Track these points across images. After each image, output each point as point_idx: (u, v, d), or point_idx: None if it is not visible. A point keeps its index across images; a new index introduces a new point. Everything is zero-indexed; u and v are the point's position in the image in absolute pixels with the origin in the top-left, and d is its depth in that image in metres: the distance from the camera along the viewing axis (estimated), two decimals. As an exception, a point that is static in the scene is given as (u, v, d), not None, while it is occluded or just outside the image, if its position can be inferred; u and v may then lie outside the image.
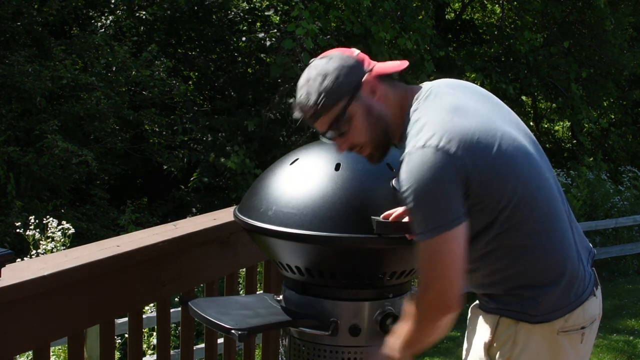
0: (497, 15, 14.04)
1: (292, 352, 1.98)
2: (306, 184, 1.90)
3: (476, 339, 1.91)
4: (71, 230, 5.01)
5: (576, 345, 1.86)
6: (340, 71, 1.80)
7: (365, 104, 1.81)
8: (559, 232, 1.83)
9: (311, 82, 1.81)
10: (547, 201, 1.81)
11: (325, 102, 1.79)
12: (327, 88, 1.79)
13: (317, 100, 1.79)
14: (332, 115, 1.80)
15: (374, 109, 1.82)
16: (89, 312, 2.02)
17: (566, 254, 1.83)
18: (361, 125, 1.81)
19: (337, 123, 1.81)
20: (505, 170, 1.75)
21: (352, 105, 1.80)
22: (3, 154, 8.33)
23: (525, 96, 13.61)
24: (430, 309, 1.73)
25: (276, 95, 10.26)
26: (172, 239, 2.22)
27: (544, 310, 1.81)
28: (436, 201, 1.68)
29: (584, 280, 1.86)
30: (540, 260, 1.80)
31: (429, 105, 1.80)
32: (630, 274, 9.45)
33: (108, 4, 11.28)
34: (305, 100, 1.82)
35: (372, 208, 1.84)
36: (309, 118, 1.84)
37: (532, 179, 1.80)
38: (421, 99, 1.82)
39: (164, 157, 9.94)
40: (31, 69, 8.83)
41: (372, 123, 1.82)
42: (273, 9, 11.41)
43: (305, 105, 1.82)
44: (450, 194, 1.68)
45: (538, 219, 1.79)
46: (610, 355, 6.03)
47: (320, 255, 1.88)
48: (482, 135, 1.73)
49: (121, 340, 4.76)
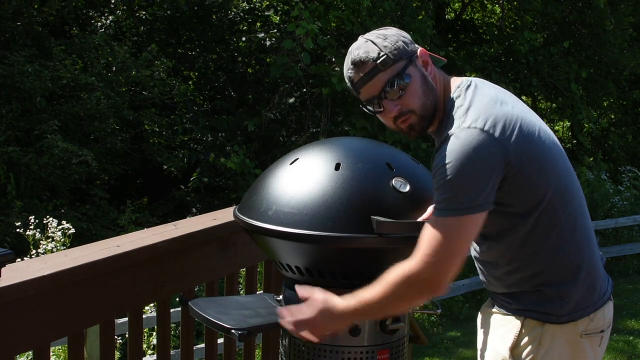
0: (497, 15, 14.04)
1: (292, 352, 1.98)
2: (306, 184, 1.90)
3: (496, 340, 1.90)
4: (71, 230, 5.02)
5: (595, 348, 1.88)
6: (399, 37, 1.83)
7: (421, 71, 1.82)
8: (585, 231, 1.85)
9: (371, 41, 1.81)
10: (576, 199, 1.84)
11: (386, 59, 1.78)
12: (389, 46, 1.80)
13: (378, 55, 1.78)
14: (391, 73, 1.79)
15: (428, 79, 1.83)
16: (89, 312, 2.01)
17: (591, 252, 1.85)
18: (418, 88, 1.81)
19: (395, 82, 1.79)
20: (544, 160, 1.77)
21: (410, 67, 1.80)
22: (3, 154, 8.32)
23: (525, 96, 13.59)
24: (418, 285, 1.69)
25: (276, 95, 10.26)
26: (172, 239, 2.22)
27: (570, 309, 1.81)
28: (470, 181, 1.67)
29: (605, 281, 1.89)
30: (569, 256, 1.81)
31: (471, 93, 1.81)
32: (630, 274, 9.45)
33: (108, 4, 11.28)
34: (365, 55, 1.79)
35: (372, 208, 1.84)
36: (365, 75, 1.80)
37: (566, 174, 1.83)
38: (463, 87, 1.83)
39: (164, 157, 9.94)
40: (31, 69, 8.82)
41: (427, 91, 1.82)
42: (273, 9, 11.41)
43: (365, 59, 1.79)
44: (486, 178, 1.67)
45: (570, 214, 1.81)
46: (610, 355, 6.03)
47: (320, 255, 1.88)
48: (524, 123, 1.75)
49: (121, 340, 4.76)
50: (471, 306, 7.54)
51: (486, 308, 2.00)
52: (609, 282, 1.93)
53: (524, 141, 1.73)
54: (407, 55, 1.80)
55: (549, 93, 12.90)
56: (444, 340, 6.74)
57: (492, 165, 1.68)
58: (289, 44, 9.11)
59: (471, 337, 2.08)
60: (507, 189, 1.72)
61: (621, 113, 14.68)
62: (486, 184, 1.67)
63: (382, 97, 1.80)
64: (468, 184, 1.67)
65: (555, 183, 1.78)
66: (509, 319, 1.87)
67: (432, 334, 6.99)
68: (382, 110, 1.83)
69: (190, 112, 10.73)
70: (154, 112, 10.12)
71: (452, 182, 1.66)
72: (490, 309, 1.96)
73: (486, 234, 1.83)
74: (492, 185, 1.68)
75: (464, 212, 1.66)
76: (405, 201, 1.88)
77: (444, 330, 7.15)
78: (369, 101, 1.83)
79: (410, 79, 1.79)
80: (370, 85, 1.80)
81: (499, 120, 1.71)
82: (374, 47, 1.79)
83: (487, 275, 1.92)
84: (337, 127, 9.95)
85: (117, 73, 9.70)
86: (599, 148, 14.12)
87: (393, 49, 1.79)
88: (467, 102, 1.77)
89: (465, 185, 1.66)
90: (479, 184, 1.67)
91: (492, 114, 1.72)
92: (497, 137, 1.69)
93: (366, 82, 1.80)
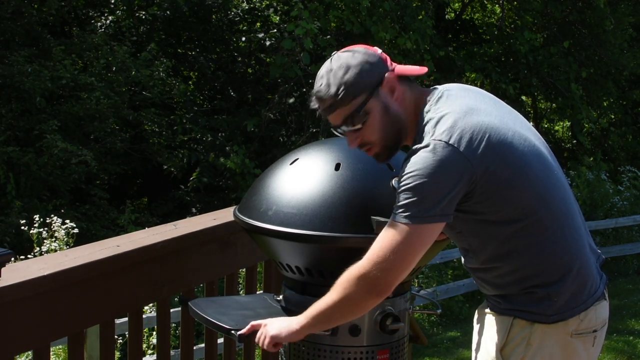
0: (497, 15, 14.03)
1: (292, 352, 1.98)
2: (306, 184, 1.90)
3: (487, 340, 1.90)
4: (75, 229, 5.03)
5: (588, 348, 1.87)
6: (363, 66, 1.80)
7: (383, 102, 1.80)
8: (573, 230, 1.84)
9: (333, 73, 1.80)
10: (561, 199, 1.82)
11: (344, 95, 1.78)
12: (349, 81, 1.78)
13: (337, 92, 1.78)
14: (350, 109, 1.79)
15: (391, 108, 1.81)
16: (89, 312, 2.01)
17: (579, 251, 1.84)
18: (377, 122, 1.80)
19: (353, 118, 1.79)
20: (517, 168, 1.75)
21: (371, 101, 1.79)
22: (3, 154, 8.33)
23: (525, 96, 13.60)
24: (366, 285, 1.71)
25: (276, 95, 10.26)
26: (172, 239, 2.22)
27: (559, 308, 1.81)
28: (430, 192, 1.67)
29: (596, 279, 1.88)
30: (555, 257, 1.80)
31: (441, 105, 1.80)
32: (630, 274, 9.45)
33: (108, 3, 11.28)
34: (325, 90, 1.80)
35: (372, 208, 1.84)
36: (325, 109, 1.81)
37: (546, 177, 1.81)
38: (433, 100, 1.82)
39: (164, 157, 9.94)
40: (31, 69, 8.83)
41: (388, 122, 1.81)
42: (273, 8, 11.41)
43: (324, 96, 1.80)
44: (449, 190, 1.68)
45: (555, 216, 1.80)
46: (610, 355, 6.03)
47: (320, 255, 1.88)
48: (493, 133, 1.73)
49: (121, 340, 4.76)
50: (471, 306, 7.54)
51: (481, 309, 2.00)
52: (602, 280, 1.92)
53: (492, 152, 1.71)
54: (368, 88, 1.79)
55: (549, 93, 12.90)
56: (444, 340, 6.74)
57: (453, 179, 1.68)
58: (288, 44, 9.11)
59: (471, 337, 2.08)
60: (478, 200, 1.72)
61: (621, 113, 14.68)
62: (445, 196, 1.67)
63: (343, 130, 1.83)
64: (428, 194, 1.67)
65: (533, 189, 1.77)
66: (499, 319, 1.87)
67: (432, 334, 6.99)
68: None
69: (190, 112, 10.73)
70: (154, 112, 10.12)
71: (415, 189, 1.67)
72: (484, 310, 1.97)
73: (471, 243, 1.84)
74: (451, 198, 1.68)
75: (421, 220, 1.67)
76: (405, 201, 1.88)
77: (444, 330, 7.15)
78: (334, 127, 1.86)
79: (369, 114, 1.79)
80: (332, 118, 1.82)
81: (465, 133, 1.70)
82: (334, 81, 1.79)
83: (477, 280, 1.93)
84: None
85: (117, 73, 9.70)
86: (599, 148, 14.11)
87: (354, 83, 1.78)
88: (436, 115, 1.76)
89: (428, 195, 1.67)
90: (438, 195, 1.67)
91: (459, 127, 1.71)
92: (462, 151, 1.68)
93: (327, 115, 1.83)
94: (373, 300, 1.74)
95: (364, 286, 1.71)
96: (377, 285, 1.70)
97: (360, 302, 1.74)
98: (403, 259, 1.69)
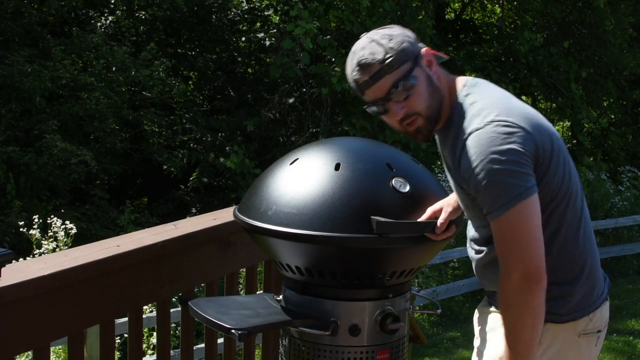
0: (497, 15, 14.04)
1: (292, 352, 1.98)
2: (306, 184, 1.90)
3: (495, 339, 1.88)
4: (74, 230, 5.02)
5: (592, 347, 1.88)
6: (405, 37, 1.79)
7: (426, 72, 1.80)
8: (587, 231, 1.86)
9: (376, 42, 1.77)
10: (580, 197, 1.84)
11: (393, 60, 1.75)
12: (395, 47, 1.76)
13: (384, 57, 1.75)
14: (398, 75, 1.76)
15: (433, 79, 1.81)
16: (89, 312, 2.01)
17: (593, 252, 1.86)
18: (423, 91, 1.78)
19: (401, 84, 1.76)
20: (559, 157, 1.77)
21: (416, 69, 1.78)
22: (3, 154, 8.32)
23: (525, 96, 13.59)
24: (525, 287, 1.66)
25: (276, 95, 10.26)
26: (172, 239, 2.22)
27: (572, 308, 1.82)
28: (512, 171, 1.66)
29: (602, 281, 1.89)
30: (574, 255, 1.82)
31: (481, 91, 1.80)
32: (630, 274, 9.45)
33: (108, 3, 11.28)
34: (370, 57, 1.76)
35: (372, 208, 1.84)
36: (371, 77, 1.77)
37: (573, 173, 1.83)
38: (470, 86, 1.83)
39: (164, 157, 9.93)
40: (30, 69, 8.82)
41: (432, 93, 1.80)
42: (272, 8, 11.41)
43: (371, 62, 1.76)
44: (525, 163, 1.67)
45: (576, 214, 1.81)
46: (610, 356, 6.03)
47: (320, 255, 1.88)
48: (540, 119, 1.76)
49: (121, 340, 4.76)
50: (471, 306, 7.53)
51: (483, 307, 1.99)
52: (606, 281, 1.93)
53: (545, 134, 1.74)
54: (412, 56, 1.78)
55: (549, 93, 12.89)
56: (444, 340, 6.73)
57: (525, 153, 1.68)
58: (288, 44, 9.11)
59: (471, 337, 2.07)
60: None
61: (621, 113, 14.68)
62: (527, 169, 1.67)
63: (387, 99, 1.78)
64: (511, 174, 1.66)
65: (567, 181, 1.78)
66: None
67: (432, 334, 6.99)
68: (388, 112, 1.81)
69: (190, 112, 10.73)
70: (154, 112, 10.12)
71: (495, 178, 1.65)
72: (488, 308, 1.96)
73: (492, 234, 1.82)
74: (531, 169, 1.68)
75: (520, 198, 1.65)
76: (405, 201, 1.88)
77: (444, 330, 7.15)
78: (373, 103, 1.81)
79: (416, 81, 1.77)
80: (376, 88, 1.78)
81: (518, 116, 1.72)
82: (379, 48, 1.76)
83: (489, 275, 1.91)
84: (337, 127, 9.95)
85: (117, 73, 9.70)
86: (599, 148, 14.11)
87: (399, 50, 1.76)
88: (480, 100, 1.76)
89: (509, 177, 1.65)
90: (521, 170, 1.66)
91: (510, 109, 1.73)
92: (523, 127, 1.70)
93: (371, 85, 1.78)
94: (540, 292, 1.68)
95: (523, 290, 1.66)
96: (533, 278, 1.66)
97: (531, 304, 1.68)
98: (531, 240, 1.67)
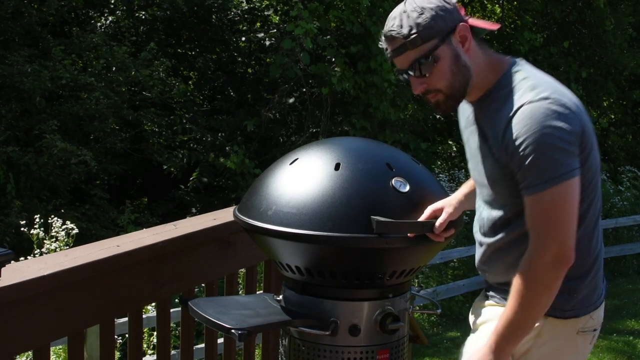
0: (497, 15, 14.03)
1: (292, 352, 1.98)
2: (306, 184, 1.90)
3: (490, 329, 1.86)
4: (75, 230, 5.02)
5: (587, 345, 1.90)
6: (438, 11, 1.78)
7: (454, 50, 1.79)
8: (600, 230, 1.87)
9: (407, 14, 1.78)
10: (600, 198, 1.85)
11: (415, 38, 1.76)
12: (422, 24, 1.76)
13: (409, 33, 1.76)
14: (418, 53, 1.76)
15: (461, 57, 1.80)
16: (89, 312, 2.01)
17: (601, 251, 1.87)
18: (446, 70, 1.78)
19: (421, 63, 1.77)
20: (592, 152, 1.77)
21: (441, 48, 1.77)
22: (3, 154, 8.32)
23: (525, 96, 13.58)
24: (552, 265, 1.66)
25: (276, 95, 10.26)
26: (172, 239, 2.22)
27: (576, 304, 1.82)
28: (562, 149, 1.66)
29: (604, 281, 1.90)
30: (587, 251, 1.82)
31: (532, 70, 1.81)
32: (630, 274, 9.45)
33: (108, 4, 11.28)
34: (396, 30, 1.78)
35: (372, 208, 1.84)
36: (394, 49, 1.79)
37: (599, 173, 1.84)
38: (523, 64, 1.84)
39: (164, 157, 9.93)
40: (30, 69, 8.82)
41: (457, 71, 1.79)
42: (272, 8, 11.41)
43: (396, 35, 1.78)
44: (572, 144, 1.68)
45: (595, 210, 1.82)
46: (610, 356, 6.03)
47: (320, 255, 1.88)
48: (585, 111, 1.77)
49: (121, 340, 4.76)
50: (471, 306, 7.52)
51: (480, 302, 1.99)
52: (604, 282, 1.95)
53: (589, 126, 1.75)
54: (440, 33, 1.76)
55: (548, 93, 12.87)
56: (443, 340, 6.73)
57: (574, 135, 1.69)
58: (288, 44, 9.11)
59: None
60: None
61: (621, 113, 14.68)
62: (574, 151, 1.68)
63: (408, 74, 1.80)
64: (560, 152, 1.66)
65: (595, 178, 1.79)
66: None
67: (432, 334, 6.99)
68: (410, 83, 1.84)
69: (190, 112, 10.73)
70: (154, 112, 10.12)
71: (544, 153, 1.66)
72: (484, 302, 1.96)
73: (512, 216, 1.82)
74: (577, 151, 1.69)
75: (564, 177, 1.66)
76: (405, 201, 1.88)
77: (444, 330, 7.15)
78: (399, 72, 1.83)
79: (438, 61, 1.77)
80: (399, 60, 1.80)
81: (570, 99, 1.73)
82: (407, 22, 1.76)
83: (497, 262, 1.89)
84: (337, 127, 9.94)
85: (117, 73, 9.70)
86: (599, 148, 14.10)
87: (426, 27, 1.75)
88: (532, 77, 1.77)
89: (558, 154, 1.66)
90: (569, 151, 1.67)
91: (562, 93, 1.74)
92: (575, 110, 1.71)
93: (395, 57, 1.81)
94: (563, 274, 1.68)
95: (550, 267, 1.67)
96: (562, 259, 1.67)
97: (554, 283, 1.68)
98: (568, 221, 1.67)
